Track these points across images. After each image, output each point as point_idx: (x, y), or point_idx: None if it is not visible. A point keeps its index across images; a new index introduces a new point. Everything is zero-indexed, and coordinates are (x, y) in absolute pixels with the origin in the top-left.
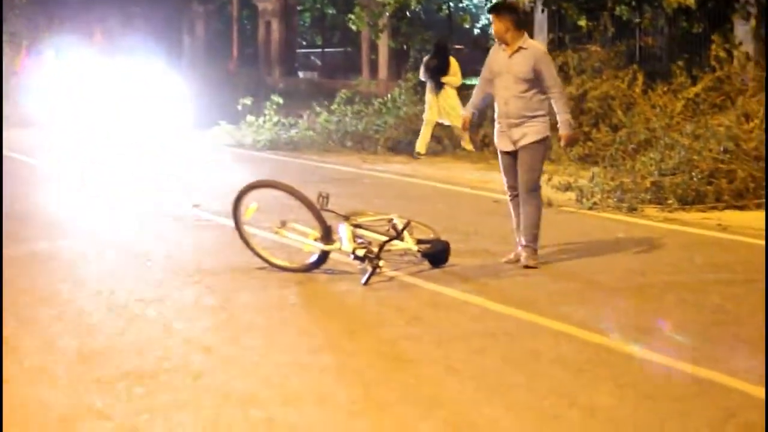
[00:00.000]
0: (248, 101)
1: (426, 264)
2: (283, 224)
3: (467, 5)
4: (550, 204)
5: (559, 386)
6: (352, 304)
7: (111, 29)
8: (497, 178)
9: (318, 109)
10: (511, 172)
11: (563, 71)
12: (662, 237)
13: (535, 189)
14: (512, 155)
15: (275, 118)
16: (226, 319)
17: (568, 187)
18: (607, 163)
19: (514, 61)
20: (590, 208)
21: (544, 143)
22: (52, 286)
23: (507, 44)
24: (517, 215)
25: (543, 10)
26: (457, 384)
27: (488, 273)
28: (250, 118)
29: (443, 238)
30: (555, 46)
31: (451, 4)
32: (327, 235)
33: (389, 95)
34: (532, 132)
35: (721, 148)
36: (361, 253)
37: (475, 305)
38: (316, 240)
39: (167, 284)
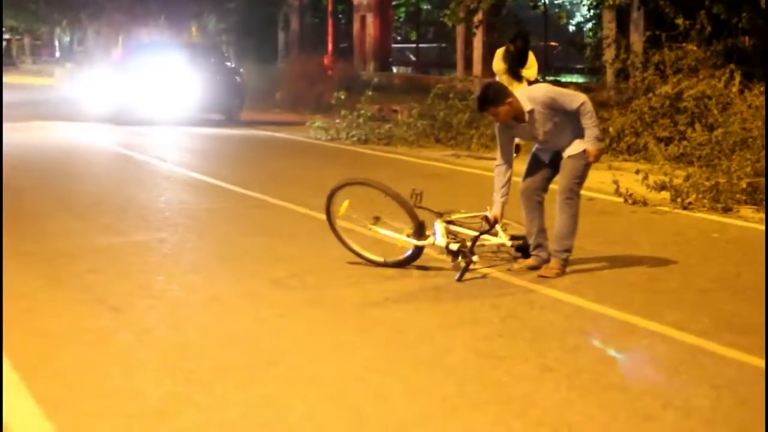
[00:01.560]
0: (342, 95)
1: (521, 261)
2: (377, 220)
3: (563, 1)
4: (645, 203)
5: (653, 387)
6: (446, 300)
7: (206, 24)
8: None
9: (412, 104)
10: (538, 176)
11: (659, 69)
12: (757, 238)
13: (573, 196)
14: (548, 164)
15: (369, 113)
16: (319, 315)
17: (663, 187)
18: (702, 163)
19: (535, 125)
20: (685, 208)
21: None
22: (148, 277)
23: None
24: (538, 224)
25: (639, 8)
26: (551, 383)
27: (582, 271)
28: (344, 112)
29: None
30: (651, 44)
31: (547, 0)
32: (420, 231)
33: None
34: (580, 144)
35: None
36: (454, 247)
37: (569, 303)
38: (409, 236)
39: (261, 278)
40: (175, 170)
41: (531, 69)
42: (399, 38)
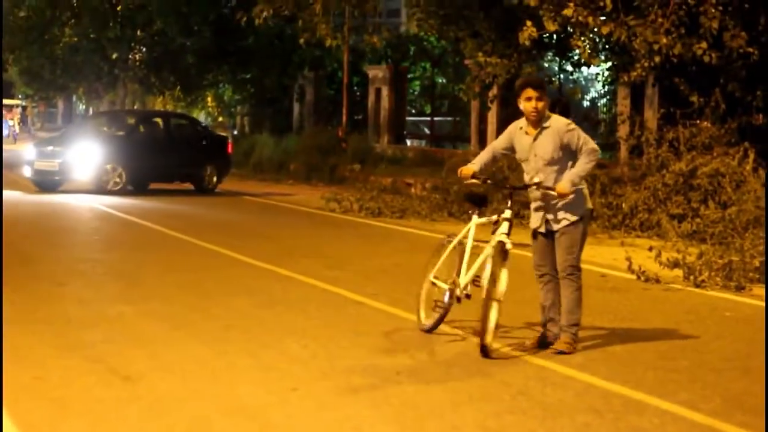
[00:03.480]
0: (357, 167)
1: (533, 337)
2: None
3: (577, 77)
4: (657, 280)
5: None
6: (457, 377)
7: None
8: (606, 253)
9: (425, 177)
10: (543, 252)
11: (673, 146)
12: None
13: (574, 271)
14: (546, 236)
15: (382, 186)
16: (330, 389)
17: (676, 264)
18: (715, 241)
19: (539, 144)
20: (698, 286)
21: (582, 222)
22: (159, 347)
23: (535, 124)
24: (551, 297)
25: (654, 85)
26: None
27: (594, 347)
28: (358, 184)
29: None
30: (665, 121)
31: (561, 76)
32: None
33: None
34: (569, 212)
35: None
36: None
37: (580, 381)
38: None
39: (273, 350)
40: (180, 236)
41: None
42: (413, 111)
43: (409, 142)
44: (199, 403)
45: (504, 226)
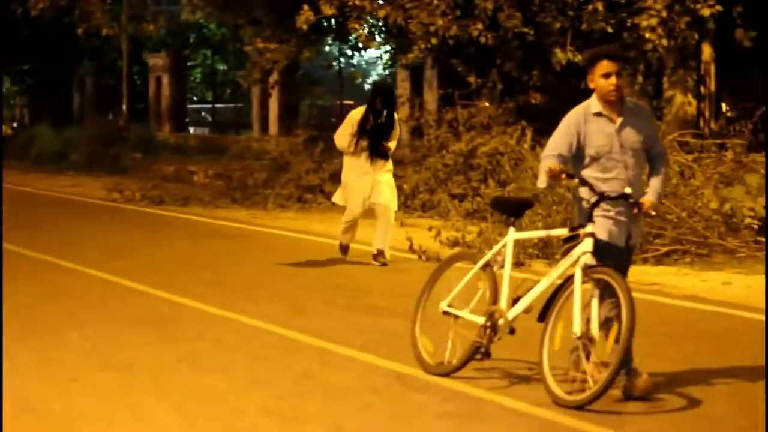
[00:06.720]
0: (138, 156)
1: None
2: None
3: (359, 61)
4: (438, 259)
5: None
6: (241, 362)
7: None
8: None
9: (208, 164)
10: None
11: (452, 127)
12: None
13: None
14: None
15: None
16: (112, 379)
17: (456, 243)
18: (495, 219)
19: (629, 132)
20: None
21: None
22: None
23: (617, 106)
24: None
25: (433, 67)
26: None
27: (376, 328)
28: (140, 173)
29: None
30: (445, 103)
31: (342, 60)
32: None
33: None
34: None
35: None
36: None
37: (362, 362)
38: None
39: (54, 339)
40: None
41: (395, 139)
42: (195, 99)
43: (192, 130)
44: None
45: (587, 244)
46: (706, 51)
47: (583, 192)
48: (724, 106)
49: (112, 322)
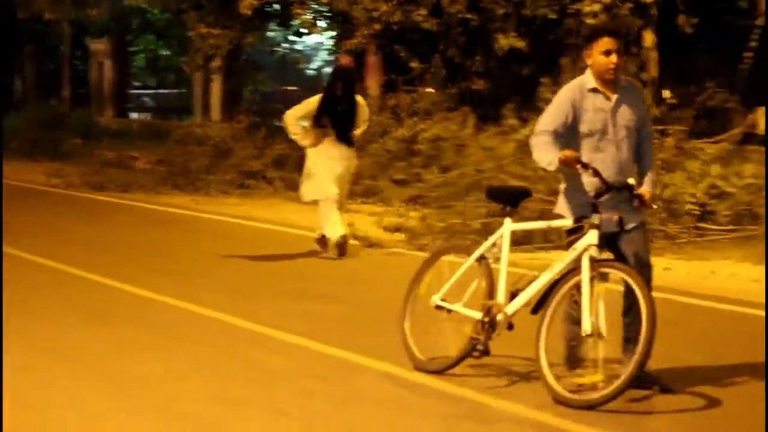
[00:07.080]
0: (78, 141)
1: None
2: None
3: (302, 47)
4: (380, 245)
5: None
6: (181, 347)
7: None
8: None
9: (150, 150)
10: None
11: (395, 113)
12: None
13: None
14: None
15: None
16: (61, 369)
17: (398, 229)
18: (438, 204)
19: (624, 111)
20: (420, 249)
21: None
22: None
23: (613, 84)
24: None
25: (376, 52)
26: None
27: (318, 313)
28: (82, 159)
29: None
30: (388, 88)
31: (285, 45)
32: None
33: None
34: (640, 207)
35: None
36: None
37: (304, 347)
38: None
39: None
40: None
41: (365, 124)
42: (138, 84)
43: (136, 115)
44: None
45: (592, 236)
46: (648, 38)
47: (587, 181)
48: (665, 93)
49: (49, 307)
